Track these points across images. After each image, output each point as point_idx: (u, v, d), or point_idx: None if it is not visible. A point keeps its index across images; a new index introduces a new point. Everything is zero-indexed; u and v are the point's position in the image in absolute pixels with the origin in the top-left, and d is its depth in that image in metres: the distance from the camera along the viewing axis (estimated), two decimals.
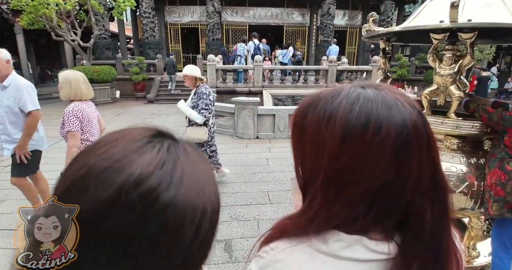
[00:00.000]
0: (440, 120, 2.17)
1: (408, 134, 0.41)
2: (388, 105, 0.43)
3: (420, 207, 0.43)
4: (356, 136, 0.42)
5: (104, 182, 0.31)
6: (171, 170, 0.33)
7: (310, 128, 0.47)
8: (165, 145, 0.36)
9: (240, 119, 6.68)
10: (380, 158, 0.41)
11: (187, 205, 0.33)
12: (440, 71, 2.21)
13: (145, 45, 14.48)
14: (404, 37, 2.98)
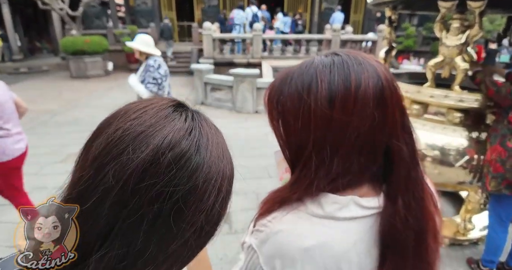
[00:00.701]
0: (444, 93, 2.13)
1: (382, 84, 0.47)
2: (360, 62, 0.48)
3: (398, 148, 0.49)
4: (341, 93, 0.46)
5: (140, 144, 0.33)
6: (198, 135, 0.36)
7: (290, 102, 0.49)
8: (189, 113, 0.38)
9: (239, 92, 6.56)
10: (365, 108, 0.46)
11: (212, 168, 0.36)
12: (446, 41, 2.13)
13: (137, 13, 13.85)
14: (411, 5, 2.84)
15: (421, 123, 2.31)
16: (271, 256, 0.51)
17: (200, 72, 7.17)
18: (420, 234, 0.50)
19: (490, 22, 12.27)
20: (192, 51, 12.24)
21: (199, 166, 0.34)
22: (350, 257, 0.49)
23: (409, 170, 0.49)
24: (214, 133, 0.39)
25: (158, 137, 0.33)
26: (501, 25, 12.73)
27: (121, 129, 0.34)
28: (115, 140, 0.33)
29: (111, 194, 0.32)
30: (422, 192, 0.51)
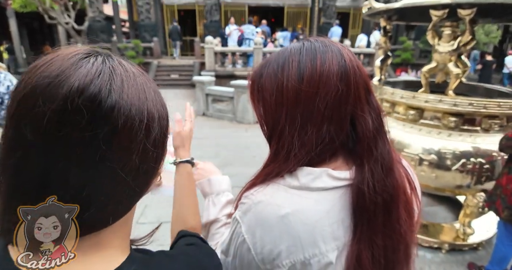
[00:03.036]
0: (438, 98, 2.17)
1: (345, 61, 0.53)
2: (326, 45, 0.56)
3: (362, 118, 0.54)
4: (309, 69, 0.53)
5: (50, 96, 0.32)
6: (109, 78, 0.35)
7: (267, 81, 0.56)
8: (99, 58, 0.37)
9: (240, 103, 6.65)
10: (329, 81, 0.52)
11: (132, 109, 0.36)
12: (438, 48, 2.19)
13: (141, 27, 14.17)
14: (405, 15, 2.93)
15: (417, 129, 2.34)
16: (252, 225, 0.54)
17: (201, 84, 7.29)
18: (389, 204, 0.53)
19: (486, 34, 12.49)
20: (194, 65, 12.46)
21: (114, 107, 0.34)
22: (323, 226, 0.52)
23: (376, 141, 0.54)
24: (131, 75, 0.39)
25: (65, 85, 0.33)
26: (497, 38, 12.95)
27: (30, 85, 0.34)
28: (26, 96, 0.33)
29: (33, 149, 0.32)
30: (391, 163, 0.54)
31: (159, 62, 12.85)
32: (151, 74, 12.09)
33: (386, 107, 2.61)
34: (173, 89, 11.24)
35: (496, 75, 12.35)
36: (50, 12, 9.83)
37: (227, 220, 0.82)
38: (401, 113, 2.50)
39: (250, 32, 10.78)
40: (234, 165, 4.21)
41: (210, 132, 6.07)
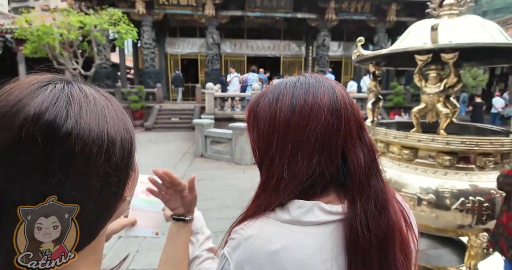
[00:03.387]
0: (431, 137, 2.20)
1: (337, 97, 0.56)
2: (320, 81, 0.59)
3: (354, 153, 0.54)
4: (301, 102, 0.55)
5: (5, 125, 0.33)
6: (65, 105, 0.36)
7: (262, 110, 0.59)
8: (58, 86, 0.38)
9: (238, 145, 6.71)
10: (320, 113, 0.54)
11: (90, 134, 0.36)
12: (426, 90, 2.29)
13: (145, 74, 14.89)
14: (393, 61, 3.11)
15: (413, 168, 2.33)
16: (241, 261, 0.52)
17: (201, 126, 7.43)
18: (384, 243, 0.51)
19: (473, 78, 13.17)
20: (195, 109, 12.85)
21: (70, 134, 0.34)
22: (315, 263, 0.49)
23: (368, 177, 0.53)
24: (91, 101, 0.39)
25: (22, 114, 0.33)
26: (484, 81, 13.62)
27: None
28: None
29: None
30: (386, 201, 0.53)
31: (160, 107, 13.25)
32: (152, 117, 12.39)
33: (381, 148, 2.63)
34: (174, 132, 11.44)
35: (487, 116, 12.73)
36: (59, 58, 10.42)
37: (208, 254, 0.78)
38: (396, 153, 2.51)
39: (254, 79, 11.43)
40: (231, 208, 4.09)
41: (208, 173, 6.01)
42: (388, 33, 16.10)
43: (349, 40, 17.59)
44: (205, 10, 14.25)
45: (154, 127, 12.04)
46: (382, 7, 15.06)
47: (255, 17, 15.63)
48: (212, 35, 14.77)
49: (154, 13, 14.52)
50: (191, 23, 15.94)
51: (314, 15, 15.33)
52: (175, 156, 7.51)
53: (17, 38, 11.28)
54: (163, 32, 16.44)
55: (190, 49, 16.95)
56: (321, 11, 15.06)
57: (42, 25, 9.57)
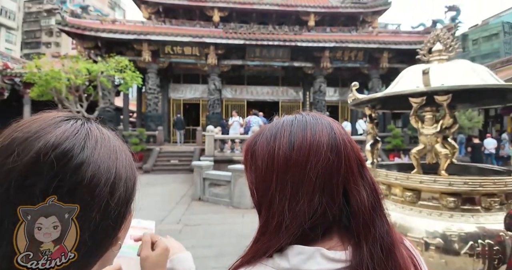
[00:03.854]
0: (432, 178, 2.17)
1: (335, 134, 0.55)
2: (317, 118, 0.59)
3: (356, 191, 0.52)
4: (299, 139, 0.54)
5: (25, 148, 0.35)
6: (84, 137, 0.39)
7: (259, 148, 0.58)
8: (79, 121, 0.41)
9: (237, 187, 6.58)
10: (319, 150, 0.53)
11: (101, 166, 0.38)
12: (423, 131, 2.32)
13: (148, 118, 15.24)
14: (388, 104, 3.20)
15: (417, 210, 2.26)
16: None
17: (200, 168, 7.37)
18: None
19: (469, 120, 13.46)
20: (195, 151, 12.89)
21: (83, 162, 0.36)
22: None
23: (373, 218, 0.51)
24: (106, 138, 0.42)
25: (42, 140, 0.36)
26: (479, 122, 13.89)
27: (9, 137, 0.37)
28: (3, 147, 0.36)
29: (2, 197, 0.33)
30: (392, 245, 0.51)
31: (161, 149, 13.30)
32: (152, 160, 12.36)
33: (383, 190, 2.58)
34: (172, 174, 11.31)
35: None
36: (64, 102, 10.74)
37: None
38: (398, 195, 2.46)
39: (256, 121, 11.73)
40: (229, 255, 3.86)
41: (205, 218, 5.80)
42: (382, 79, 16.88)
43: (344, 86, 18.39)
44: (208, 59, 15.13)
45: (153, 170, 11.93)
46: (374, 55, 16.02)
47: (255, 65, 16.55)
48: (214, 82, 15.46)
49: (159, 61, 15.37)
50: (194, 70, 16.81)
51: (310, 63, 16.24)
52: (173, 199, 7.32)
53: (25, 82, 11.80)
54: (167, 78, 17.22)
55: (192, 94, 17.59)
56: (317, 60, 15.98)
57: (51, 70, 10.05)
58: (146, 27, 15.32)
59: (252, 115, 12.15)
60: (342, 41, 15.13)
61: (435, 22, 16.17)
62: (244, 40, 14.77)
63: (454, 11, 15.17)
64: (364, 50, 15.88)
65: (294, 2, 17.77)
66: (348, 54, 16.14)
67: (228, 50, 15.51)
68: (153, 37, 14.13)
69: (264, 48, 15.42)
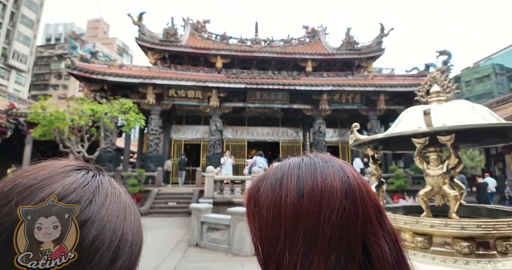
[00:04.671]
0: (443, 222, 2.07)
1: (348, 178, 0.49)
2: (326, 161, 0.53)
3: (377, 245, 0.46)
4: (309, 185, 0.48)
5: (25, 197, 0.33)
6: (93, 190, 0.36)
7: (264, 195, 0.51)
8: (90, 172, 0.39)
9: (236, 232, 6.27)
10: (333, 198, 0.47)
11: (106, 226, 0.35)
12: (429, 172, 2.27)
13: (148, 158, 15.20)
14: (389, 145, 3.20)
15: (430, 257, 2.11)
16: None
17: (198, 211, 7.12)
18: None
19: (471, 159, 13.35)
20: (194, 192, 12.61)
21: (88, 220, 0.34)
22: None
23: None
24: (117, 193, 0.39)
25: (47, 189, 0.34)
26: (481, 161, 13.76)
27: (12, 182, 0.35)
28: (3, 192, 0.34)
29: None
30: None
31: (159, 190, 13.01)
32: (149, 202, 12.02)
33: None
34: (169, 217, 10.90)
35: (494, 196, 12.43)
36: (66, 142, 10.77)
37: None
38: (408, 240, 2.33)
39: (262, 162, 11.74)
40: None
41: (202, 266, 5.44)
42: (380, 120, 17.19)
43: (343, 127, 18.67)
44: (210, 101, 15.59)
45: (150, 213, 11.53)
46: (371, 98, 16.51)
47: (255, 107, 17.00)
48: (216, 123, 15.75)
49: (163, 104, 15.82)
50: (197, 112, 17.22)
51: (308, 106, 16.70)
52: (168, 245, 6.94)
53: (29, 122, 11.96)
54: (170, 120, 17.55)
55: (194, 135, 17.77)
56: (315, 102, 16.46)
57: (56, 111, 10.27)
58: (152, 72, 16.04)
59: (256, 155, 12.19)
60: (339, 84, 15.74)
61: (428, 66, 17.00)
62: (245, 84, 15.37)
63: (445, 55, 16.04)
64: (361, 93, 16.42)
65: (292, 50, 18.89)
66: (346, 97, 16.67)
67: (230, 93, 16.06)
68: (158, 81, 14.72)
69: (264, 92, 15.98)
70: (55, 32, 60.77)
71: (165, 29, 17.35)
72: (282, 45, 19.96)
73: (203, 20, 20.78)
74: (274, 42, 20.14)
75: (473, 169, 13.62)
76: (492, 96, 27.84)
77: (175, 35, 17.39)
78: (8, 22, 35.49)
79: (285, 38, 20.56)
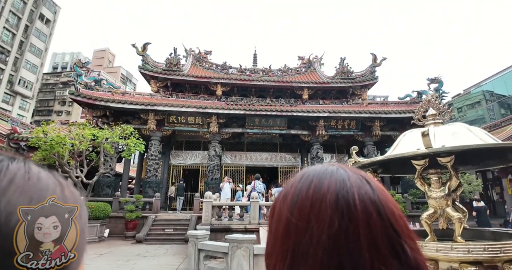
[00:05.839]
0: (449, 246, 2.02)
1: (348, 189, 0.42)
2: (327, 170, 0.47)
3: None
4: (302, 196, 0.44)
5: None
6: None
7: (276, 209, 0.48)
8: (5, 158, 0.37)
9: (234, 260, 6.04)
10: (323, 212, 0.41)
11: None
12: (431, 194, 2.26)
13: (146, 184, 15.01)
14: (389, 168, 3.19)
15: None
16: None
17: (195, 238, 6.89)
18: None
19: (468, 183, 13.22)
20: (191, 219, 12.31)
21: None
22: None
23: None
24: (27, 178, 0.35)
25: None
26: (479, 185, 13.63)
27: None
28: None
29: None
30: None
31: (156, 217, 12.70)
32: (145, 228, 11.71)
33: None
34: (166, 245, 10.54)
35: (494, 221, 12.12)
36: (65, 166, 10.69)
37: None
38: None
39: (261, 186, 11.64)
40: None
41: None
42: (376, 146, 17.28)
43: (340, 152, 18.75)
44: (210, 127, 15.75)
45: (146, 239, 11.16)
46: (366, 124, 16.75)
47: (254, 133, 17.15)
48: (215, 148, 15.78)
49: (163, 130, 15.94)
50: (196, 137, 17.33)
51: (306, 131, 16.90)
52: None
53: (29, 146, 11.95)
54: (170, 145, 17.58)
55: (193, 160, 17.71)
56: (312, 128, 16.68)
57: (57, 135, 10.32)
58: (154, 99, 16.35)
59: (254, 179, 12.09)
60: (335, 111, 16.07)
61: (420, 93, 17.41)
62: (245, 110, 15.62)
63: (436, 83, 16.49)
64: (356, 119, 16.68)
65: (289, 78, 19.44)
66: (342, 123, 16.92)
67: (229, 119, 16.27)
68: (160, 107, 14.97)
69: (262, 118, 16.22)
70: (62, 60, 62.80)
71: (168, 58, 17.93)
72: (280, 74, 20.58)
73: (205, 51, 21.53)
74: (272, 71, 20.78)
75: (471, 193, 13.49)
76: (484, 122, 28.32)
77: (178, 65, 17.94)
78: (17, 50, 36.73)
79: (282, 67, 21.23)
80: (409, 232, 0.42)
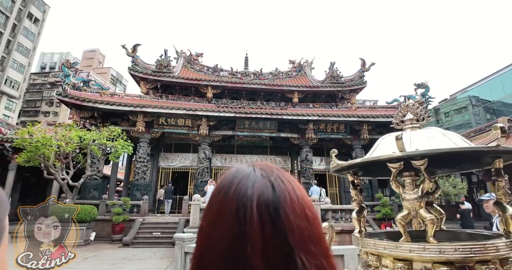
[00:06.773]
0: (422, 246, 2.08)
1: (248, 200, 0.41)
2: (241, 176, 0.45)
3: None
4: (212, 201, 0.44)
5: None
6: None
7: None
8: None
9: None
10: (223, 217, 0.41)
11: None
12: (405, 196, 2.32)
13: (134, 186, 14.82)
14: (369, 171, 3.25)
15: None
16: None
17: (181, 241, 6.85)
18: None
19: (453, 187, 13.49)
20: (179, 222, 12.19)
21: None
22: None
23: None
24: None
25: None
26: (464, 189, 13.92)
27: None
28: None
29: None
30: None
31: (143, 220, 12.55)
32: (133, 232, 11.55)
33: (373, 261, 2.43)
34: (153, 248, 10.42)
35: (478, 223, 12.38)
36: (51, 168, 10.48)
37: None
38: (390, 267, 2.30)
39: None
40: None
41: None
42: (364, 149, 17.54)
43: (329, 155, 18.77)
44: (200, 130, 15.68)
45: (133, 243, 11.01)
46: (355, 127, 17.00)
47: (244, 135, 17.16)
48: (205, 151, 15.71)
49: (152, 132, 15.79)
50: (186, 140, 17.21)
51: (295, 134, 17.02)
52: None
53: (14, 147, 11.69)
54: (159, 147, 17.42)
55: (182, 163, 17.59)
56: (302, 131, 16.81)
57: (43, 137, 10.11)
58: (143, 100, 16.21)
59: None
60: (324, 115, 16.24)
61: (408, 98, 17.76)
62: (235, 113, 15.63)
63: (423, 88, 16.85)
64: (345, 123, 16.91)
65: (280, 82, 19.58)
66: (331, 126, 17.12)
67: (219, 122, 16.24)
68: (149, 109, 14.83)
69: (253, 121, 16.24)
70: (50, 60, 61.68)
71: (158, 60, 17.84)
72: (271, 78, 20.71)
73: (196, 54, 21.51)
74: (263, 75, 20.90)
75: (456, 196, 13.78)
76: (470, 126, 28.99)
77: (168, 67, 17.86)
78: (4, 50, 35.92)
79: (273, 71, 21.39)
80: (311, 241, 0.40)
